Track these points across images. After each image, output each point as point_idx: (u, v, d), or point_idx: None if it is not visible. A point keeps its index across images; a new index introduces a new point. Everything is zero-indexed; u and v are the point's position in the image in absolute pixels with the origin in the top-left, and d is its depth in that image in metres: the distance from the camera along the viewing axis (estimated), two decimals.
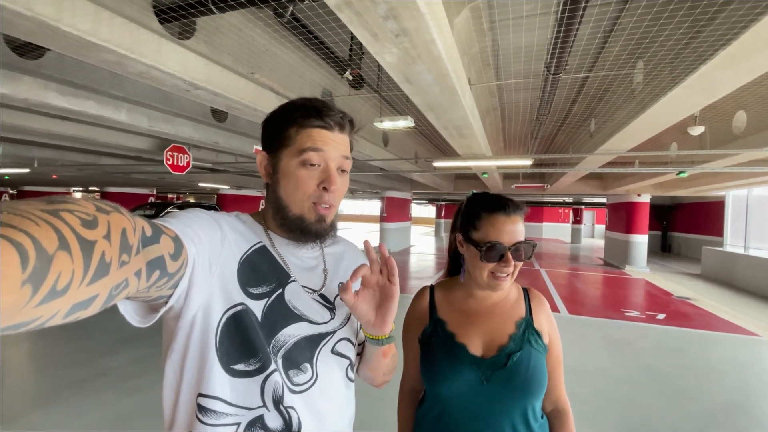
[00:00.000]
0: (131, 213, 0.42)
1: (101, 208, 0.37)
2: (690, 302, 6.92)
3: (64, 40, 2.15)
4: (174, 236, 0.50)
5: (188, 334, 0.60)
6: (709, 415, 2.88)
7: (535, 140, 7.07)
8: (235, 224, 0.70)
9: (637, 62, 3.56)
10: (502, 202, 0.87)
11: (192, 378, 0.61)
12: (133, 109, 4.31)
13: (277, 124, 0.70)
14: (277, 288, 0.68)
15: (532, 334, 0.88)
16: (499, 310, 0.92)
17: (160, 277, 0.46)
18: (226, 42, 3.16)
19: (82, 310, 0.34)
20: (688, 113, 3.44)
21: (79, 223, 0.33)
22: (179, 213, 0.60)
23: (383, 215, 13.93)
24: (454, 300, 0.96)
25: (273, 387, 0.62)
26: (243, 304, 0.63)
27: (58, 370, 3.33)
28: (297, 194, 0.68)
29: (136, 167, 9.17)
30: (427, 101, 3.33)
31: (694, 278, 9.87)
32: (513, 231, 0.85)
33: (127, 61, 2.49)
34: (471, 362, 0.85)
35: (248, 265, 0.66)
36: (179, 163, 6.33)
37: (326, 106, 0.69)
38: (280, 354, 0.65)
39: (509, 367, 0.83)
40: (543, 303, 0.94)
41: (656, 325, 5.33)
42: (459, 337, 0.89)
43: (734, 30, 2.03)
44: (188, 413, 0.61)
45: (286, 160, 0.68)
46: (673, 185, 9.80)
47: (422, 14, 1.85)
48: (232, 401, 0.61)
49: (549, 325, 0.92)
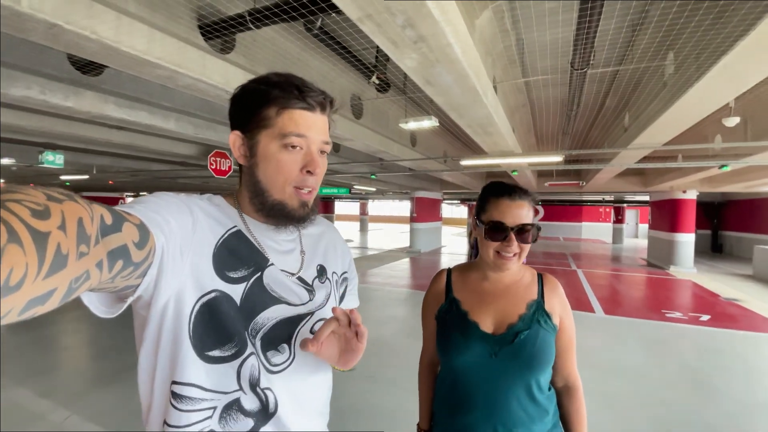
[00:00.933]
0: (88, 201, 0.40)
1: (53, 196, 0.35)
2: (738, 304, 6.53)
3: (122, 59, 2.47)
4: (138, 223, 0.48)
5: (160, 322, 0.59)
6: (747, 414, 2.80)
7: (567, 136, 6.95)
8: (208, 208, 0.67)
9: (667, 54, 3.49)
10: (507, 188, 0.96)
11: (165, 366, 0.61)
12: (181, 118, 4.72)
13: (252, 101, 0.66)
14: (255, 272, 0.67)
15: (541, 315, 0.94)
16: (512, 291, 0.99)
17: (124, 266, 0.44)
18: (262, 54, 3.43)
19: (38, 305, 0.32)
20: (719, 104, 3.33)
21: (29, 213, 0.31)
22: (145, 198, 0.57)
23: (413, 216, 13.99)
24: (469, 281, 1.03)
25: (249, 370, 0.63)
26: (217, 290, 0.62)
27: (119, 355, 3.71)
28: (278, 178, 0.66)
29: (182, 172, 9.85)
30: (449, 101, 3.45)
31: (745, 279, 9.23)
32: (516, 214, 0.92)
33: (177, 75, 2.80)
34: (481, 338, 0.93)
35: (225, 250, 0.65)
36: (221, 168, 6.79)
37: (306, 85, 0.66)
38: (258, 336, 0.64)
39: (516, 343, 0.91)
40: (556, 287, 1.00)
41: (698, 327, 5.11)
42: (472, 315, 0.97)
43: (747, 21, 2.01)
44: (163, 400, 0.61)
45: (265, 142, 0.65)
46: (721, 180, 9.22)
47: (437, 21, 1.99)
48: (208, 386, 0.61)
49: (561, 307, 0.98)
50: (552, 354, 0.93)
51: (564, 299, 0.99)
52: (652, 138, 4.67)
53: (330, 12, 2.35)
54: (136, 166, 9.20)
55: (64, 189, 0.38)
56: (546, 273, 1.04)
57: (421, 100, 5.26)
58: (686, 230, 10.67)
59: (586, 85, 4.37)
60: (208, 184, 13.05)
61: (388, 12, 1.91)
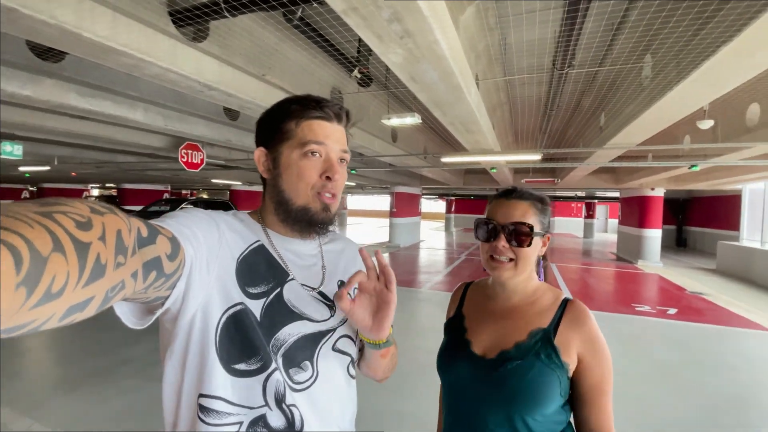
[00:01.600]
0: (127, 215, 0.42)
1: (96, 209, 0.37)
2: (703, 297, 6.85)
3: (84, 45, 2.27)
4: (171, 237, 0.50)
5: (188, 335, 0.60)
6: (714, 409, 2.91)
7: (544, 135, 7.05)
8: (233, 223, 0.69)
9: (645, 56, 3.55)
10: (509, 190, 0.90)
11: (193, 378, 0.61)
12: (149, 108, 4.46)
13: (274, 119, 0.71)
14: (275, 287, 0.68)
15: (545, 347, 0.80)
16: (518, 314, 0.87)
17: (157, 277, 0.46)
18: (237, 44, 3.26)
19: (78, 312, 0.34)
20: (696, 107, 3.42)
21: (74, 224, 0.33)
22: (176, 213, 0.60)
23: (393, 210, 14.00)
24: (479, 298, 0.97)
25: (275, 386, 0.63)
26: (242, 304, 0.63)
27: (80, 360, 3.49)
28: (300, 184, 0.68)
29: (151, 164, 9.42)
30: (433, 98, 3.39)
31: (709, 273, 9.72)
32: (509, 213, 0.84)
33: (143, 64, 2.61)
34: (468, 358, 0.86)
35: (246, 265, 0.66)
36: (193, 160, 6.52)
37: (322, 99, 0.71)
38: (280, 353, 0.65)
39: (500, 372, 0.81)
40: (581, 320, 0.82)
41: (666, 320, 5.32)
42: (469, 334, 0.90)
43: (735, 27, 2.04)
44: (190, 414, 0.62)
45: (287, 153, 0.69)
46: (688, 179, 9.64)
47: (425, 17, 1.91)
48: (234, 401, 0.61)
49: (585, 346, 0.80)
50: (548, 395, 0.78)
51: (592, 335, 0.81)
52: (629, 138, 4.78)
53: (312, 2, 2.23)
54: (101, 158, 8.74)
55: (106, 202, 0.41)
56: (575, 300, 0.85)
57: (403, 95, 5.17)
58: (654, 226, 11.15)
59: (564, 84, 4.42)
60: (179, 176, 12.56)
61: (374, 5, 1.81)
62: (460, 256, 11.83)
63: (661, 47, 3.06)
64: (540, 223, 0.86)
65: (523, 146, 8.77)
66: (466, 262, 10.48)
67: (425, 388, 3.05)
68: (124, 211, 0.42)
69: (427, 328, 4.77)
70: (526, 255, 0.84)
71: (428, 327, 4.86)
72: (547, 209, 0.90)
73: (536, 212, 0.86)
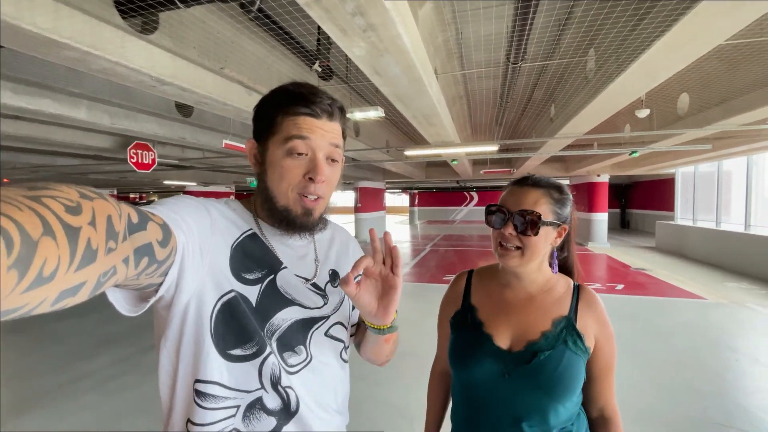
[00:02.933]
0: (116, 200, 0.41)
1: (85, 194, 0.36)
2: (645, 273, 7.49)
3: (24, 38, 2.09)
4: (162, 223, 0.49)
5: (182, 322, 0.61)
6: (661, 371, 3.22)
7: (500, 126, 7.35)
8: (225, 211, 0.69)
9: (589, 50, 3.81)
10: (522, 178, 0.87)
11: (188, 365, 0.62)
12: (93, 106, 4.16)
13: (265, 110, 0.69)
14: (269, 274, 0.68)
15: (570, 334, 0.81)
16: (537, 304, 0.85)
17: (149, 264, 0.46)
18: (190, 35, 3.12)
19: (70, 297, 0.33)
20: (634, 97, 3.73)
21: (63, 209, 0.32)
22: (166, 200, 0.59)
23: (357, 206, 14.01)
24: (490, 288, 0.92)
25: (270, 369, 0.64)
26: (235, 291, 0.63)
27: (34, 378, 3.25)
28: (282, 185, 0.66)
29: (95, 167, 8.78)
30: (395, 92, 3.44)
31: (649, 251, 10.61)
32: (520, 200, 0.81)
33: (90, 57, 2.45)
34: (494, 354, 0.82)
35: (241, 252, 0.66)
36: (144, 161, 6.15)
37: (314, 93, 0.68)
38: (274, 337, 0.66)
39: (533, 364, 0.78)
40: (593, 303, 0.84)
41: (615, 295, 5.77)
42: (487, 327, 0.86)
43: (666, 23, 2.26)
44: (186, 399, 0.62)
45: (272, 149, 0.67)
46: (629, 165, 10.43)
47: (388, 10, 1.95)
48: (230, 385, 0.62)
49: (599, 328, 0.83)
50: (579, 380, 0.80)
51: (603, 317, 0.84)
52: (576, 128, 5.10)
53: None
54: (36, 161, 8.01)
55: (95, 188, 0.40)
56: (585, 286, 0.88)
57: (365, 88, 5.19)
58: (601, 210, 11.99)
59: (517, 78, 4.63)
60: (126, 179, 11.79)
61: None
62: (425, 247, 12.08)
63: (603, 42, 3.31)
64: (554, 212, 0.82)
65: (480, 138, 9.08)
66: (431, 254, 10.72)
67: (399, 377, 3.14)
68: (113, 197, 0.41)
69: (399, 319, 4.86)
70: (534, 244, 0.80)
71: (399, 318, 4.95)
72: (566, 199, 0.85)
73: (550, 201, 0.82)
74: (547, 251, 0.86)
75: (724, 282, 6.62)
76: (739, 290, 6.02)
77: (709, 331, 4.24)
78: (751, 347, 3.75)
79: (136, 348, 3.82)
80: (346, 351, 0.78)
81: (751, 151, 7.51)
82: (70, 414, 2.67)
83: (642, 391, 2.88)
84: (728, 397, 2.79)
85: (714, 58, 3.97)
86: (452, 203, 26.40)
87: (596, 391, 0.86)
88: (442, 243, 13.13)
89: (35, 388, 3.06)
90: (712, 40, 2.46)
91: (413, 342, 3.72)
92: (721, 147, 6.85)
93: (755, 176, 8.27)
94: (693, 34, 2.35)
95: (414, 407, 2.67)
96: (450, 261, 9.40)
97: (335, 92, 5.32)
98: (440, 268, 8.33)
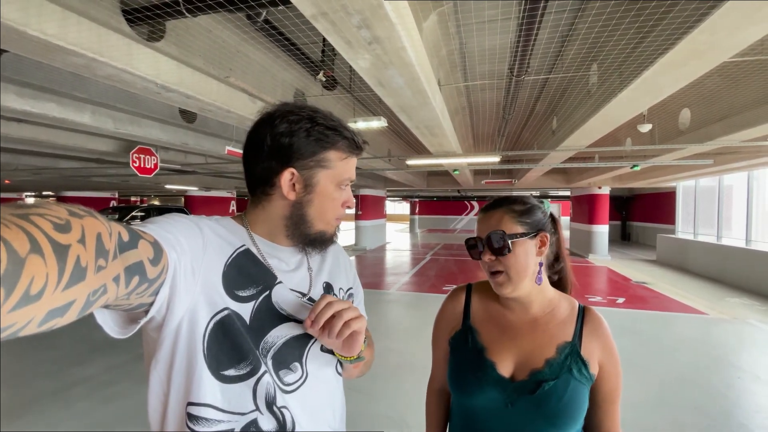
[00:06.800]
0: (107, 218, 0.41)
1: (74, 212, 0.36)
2: (646, 286, 7.45)
3: (30, 44, 2.11)
4: (153, 241, 0.49)
5: (174, 343, 0.59)
6: (663, 388, 3.18)
7: (502, 138, 7.37)
8: (217, 228, 0.68)
9: (591, 65, 3.83)
10: (485, 205, 0.87)
11: (180, 387, 0.60)
12: (98, 110, 4.18)
13: (313, 142, 0.68)
14: (264, 290, 0.67)
15: (575, 362, 0.78)
16: (540, 327, 0.82)
17: (139, 283, 0.45)
18: (196, 44, 3.15)
19: (58, 317, 0.32)
20: (636, 112, 3.74)
21: (52, 226, 0.31)
22: (158, 218, 0.58)
23: (358, 213, 14.00)
24: (491, 308, 0.88)
25: (265, 389, 0.62)
26: (228, 309, 0.62)
27: (28, 383, 3.21)
28: (329, 214, 0.72)
29: (97, 170, 8.79)
30: (399, 103, 3.45)
31: (650, 264, 10.56)
32: (486, 225, 0.82)
33: (96, 64, 2.46)
34: (497, 382, 0.79)
35: (234, 269, 0.65)
36: (146, 165, 6.17)
37: (356, 133, 0.73)
38: (269, 355, 0.65)
39: (538, 395, 0.76)
40: (599, 327, 0.82)
41: (616, 309, 5.73)
42: (489, 353, 0.83)
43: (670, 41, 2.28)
44: (178, 423, 0.60)
45: (324, 182, 0.70)
46: (630, 177, 10.45)
47: (393, 24, 1.96)
48: (224, 407, 0.60)
49: (604, 353, 0.80)
50: (583, 409, 0.77)
51: (609, 343, 0.81)
52: (578, 141, 5.12)
53: (278, 4, 2.21)
54: (39, 163, 8.02)
55: (85, 206, 0.39)
56: (590, 308, 0.85)
57: (369, 98, 5.21)
58: (602, 222, 11.97)
59: (520, 90, 4.65)
60: (128, 183, 11.80)
61: (344, 11, 1.83)
62: (426, 256, 12.04)
63: (607, 58, 3.33)
64: (520, 224, 0.81)
65: (482, 149, 9.11)
66: (431, 262, 10.68)
67: (397, 390, 3.09)
68: (103, 216, 0.40)
69: (396, 330, 4.83)
70: (515, 262, 0.79)
71: (398, 329, 4.92)
72: (531, 208, 0.84)
73: (513, 215, 0.82)
74: (535, 266, 0.82)
75: (725, 297, 6.58)
76: (740, 305, 5.98)
77: (712, 347, 4.20)
78: (753, 364, 3.71)
79: (131, 355, 3.79)
80: (341, 364, 0.77)
81: (752, 167, 7.53)
82: (66, 419, 2.64)
83: (646, 411, 2.83)
84: (732, 417, 2.75)
85: (716, 74, 3.99)
86: (453, 212, 26.39)
87: (599, 418, 0.83)
88: (442, 252, 13.09)
89: (30, 392, 3.02)
90: (715, 58, 2.48)
91: (412, 353, 3.68)
92: (722, 162, 6.87)
93: (756, 191, 8.26)
94: (697, 52, 2.36)
95: (413, 422, 2.63)
96: (450, 270, 9.36)
97: (338, 102, 5.35)
98: (440, 278, 8.29)
